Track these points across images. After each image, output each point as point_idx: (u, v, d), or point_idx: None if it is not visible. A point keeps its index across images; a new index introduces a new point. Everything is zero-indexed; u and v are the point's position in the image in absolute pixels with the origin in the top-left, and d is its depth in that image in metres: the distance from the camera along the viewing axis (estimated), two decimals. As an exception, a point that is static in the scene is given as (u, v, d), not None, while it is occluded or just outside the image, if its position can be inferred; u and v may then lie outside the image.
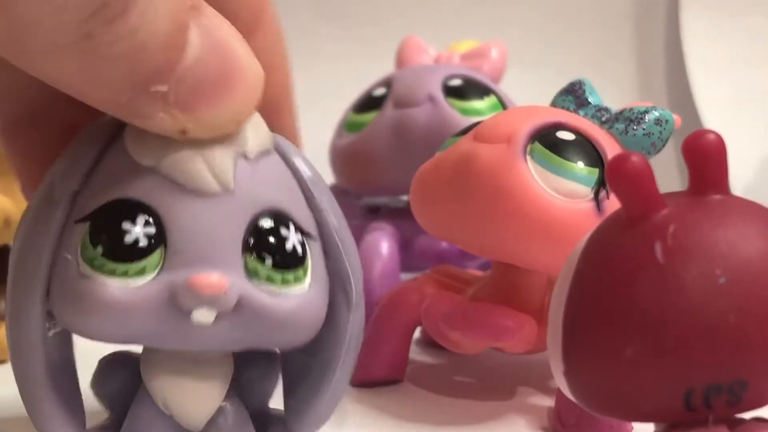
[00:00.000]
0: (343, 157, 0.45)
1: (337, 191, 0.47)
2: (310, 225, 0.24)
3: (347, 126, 0.45)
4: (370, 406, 0.32)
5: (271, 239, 0.23)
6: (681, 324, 0.17)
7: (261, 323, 0.22)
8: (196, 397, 0.24)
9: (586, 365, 0.19)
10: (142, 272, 0.22)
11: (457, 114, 0.41)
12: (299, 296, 0.23)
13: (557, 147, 0.29)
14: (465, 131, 0.31)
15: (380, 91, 0.44)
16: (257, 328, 0.22)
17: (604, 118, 0.31)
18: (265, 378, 0.26)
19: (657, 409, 0.18)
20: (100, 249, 0.22)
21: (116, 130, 0.23)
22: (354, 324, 0.25)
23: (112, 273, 0.21)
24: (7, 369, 0.23)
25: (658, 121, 0.30)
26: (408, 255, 0.43)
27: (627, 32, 0.79)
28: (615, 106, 0.32)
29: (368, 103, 0.44)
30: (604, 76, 0.62)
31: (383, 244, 0.42)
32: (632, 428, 0.29)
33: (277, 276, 0.23)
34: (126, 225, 0.22)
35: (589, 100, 0.32)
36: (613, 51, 0.78)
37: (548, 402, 0.32)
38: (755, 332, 0.18)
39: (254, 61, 0.22)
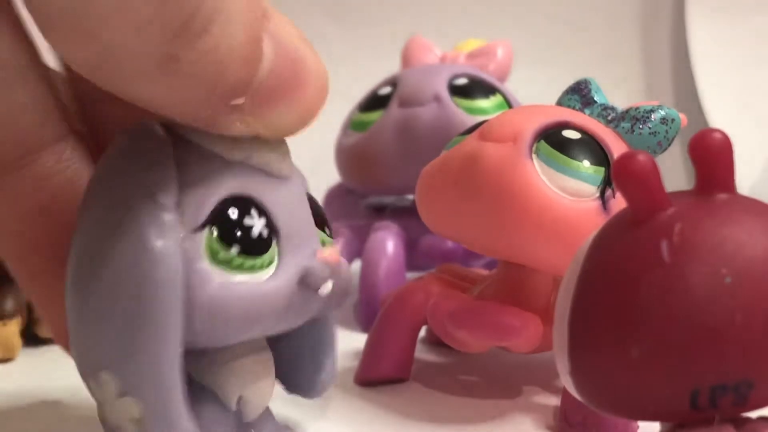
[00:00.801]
0: (348, 157, 0.45)
1: (343, 190, 0.47)
2: None
3: (353, 125, 0.45)
4: (375, 405, 0.32)
5: (319, 211, 0.24)
6: (687, 323, 0.17)
7: (342, 290, 0.24)
8: (265, 383, 0.24)
9: (592, 364, 0.19)
10: (270, 263, 0.22)
11: (463, 113, 0.41)
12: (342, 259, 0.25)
13: (563, 146, 0.29)
14: (471, 130, 0.31)
15: (386, 91, 0.44)
16: (338, 296, 0.24)
17: (609, 117, 0.31)
18: (305, 347, 0.27)
19: (663, 409, 0.18)
20: (236, 249, 0.22)
21: (168, 130, 0.23)
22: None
23: (250, 269, 0.22)
24: (10, 367, 0.23)
25: (664, 120, 0.30)
26: (413, 254, 0.43)
27: (633, 31, 0.79)
28: (621, 105, 0.32)
29: (374, 102, 0.44)
30: (609, 75, 0.62)
31: (389, 243, 0.42)
32: (638, 427, 0.29)
33: (331, 243, 0.25)
34: (248, 220, 0.22)
35: (595, 98, 0.32)
36: (619, 50, 0.78)
37: (554, 401, 0.32)
38: (761, 332, 0.18)
39: (319, 61, 0.22)
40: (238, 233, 0.22)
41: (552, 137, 0.29)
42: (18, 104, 0.23)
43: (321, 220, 0.24)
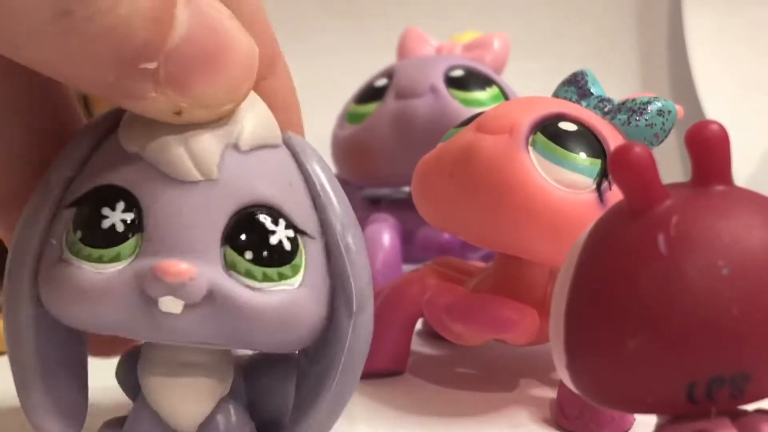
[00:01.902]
0: (344, 148, 0.45)
1: (339, 182, 0.47)
2: (310, 224, 0.23)
3: (349, 117, 0.45)
4: (371, 398, 0.32)
5: (254, 233, 0.22)
6: (684, 316, 0.17)
7: (235, 317, 0.22)
8: (185, 400, 0.23)
9: (589, 357, 0.18)
10: (116, 258, 0.22)
11: (459, 105, 0.41)
12: (285, 293, 0.22)
13: (559, 138, 0.29)
14: (467, 122, 0.31)
15: (382, 82, 0.44)
16: (232, 323, 0.22)
17: (606, 109, 0.31)
18: (282, 387, 0.25)
19: (659, 402, 0.18)
20: (79, 234, 0.22)
21: (115, 121, 0.23)
22: (356, 330, 0.23)
23: (87, 258, 0.22)
24: (3, 360, 0.23)
25: (660, 112, 0.30)
26: (410, 246, 0.43)
27: (629, 23, 0.79)
28: (617, 96, 0.32)
29: (370, 94, 0.44)
30: (606, 67, 0.61)
31: (385, 235, 0.42)
32: (634, 420, 0.29)
33: (258, 271, 0.22)
34: (105, 210, 0.22)
35: (592, 90, 0.32)
36: (616, 42, 0.78)
37: (551, 394, 0.32)
38: (758, 324, 0.17)
39: (246, 37, 0.22)
40: (87, 220, 0.22)
41: (548, 129, 0.29)
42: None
43: (248, 243, 0.22)
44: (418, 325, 0.36)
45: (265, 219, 0.22)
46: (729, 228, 0.18)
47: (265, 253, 0.22)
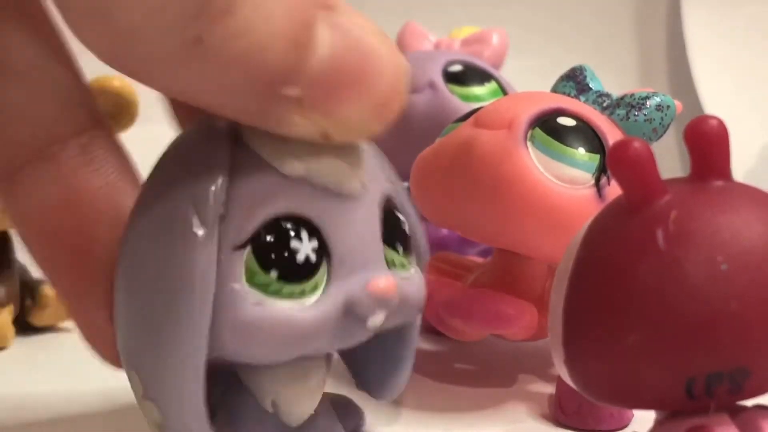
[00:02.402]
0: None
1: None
2: (401, 205, 0.24)
3: (347, 112, 0.45)
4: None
5: (394, 227, 0.23)
6: (682, 311, 0.17)
7: (404, 311, 0.22)
8: (305, 393, 0.23)
9: (587, 353, 0.18)
10: (315, 289, 0.21)
11: (458, 100, 0.41)
12: (415, 277, 0.23)
13: (558, 133, 0.29)
14: (465, 117, 0.31)
15: (380, 77, 0.44)
16: (401, 315, 0.23)
17: (605, 104, 0.31)
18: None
19: (658, 397, 0.18)
20: (274, 273, 0.21)
21: (231, 136, 0.22)
22: (423, 287, 0.24)
23: (290, 295, 0.21)
24: (3, 355, 0.23)
25: (659, 107, 0.30)
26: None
27: (628, 18, 0.79)
28: (616, 92, 0.31)
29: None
30: (605, 62, 0.61)
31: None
32: (633, 416, 0.29)
33: (405, 261, 0.23)
34: (294, 243, 0.21)
35: (590, 85, 0.32)
36: (615, 37, 0.78)
37: (549, 389, 0.32)
38: (757, 320, 0.17)
39: (393, 52, 0.21)
40: (280, 257, 0.21)
41: (547, 124, 0.29)
42: (36, 94, 0.23)
43: (395, 236, 0.23)
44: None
45: (396, 211, 0.23)
46: (728, 223, 0.18)
47: (405, 243, 0.23)
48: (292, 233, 0.21)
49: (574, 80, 0.32)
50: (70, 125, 0.23)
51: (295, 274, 0.21)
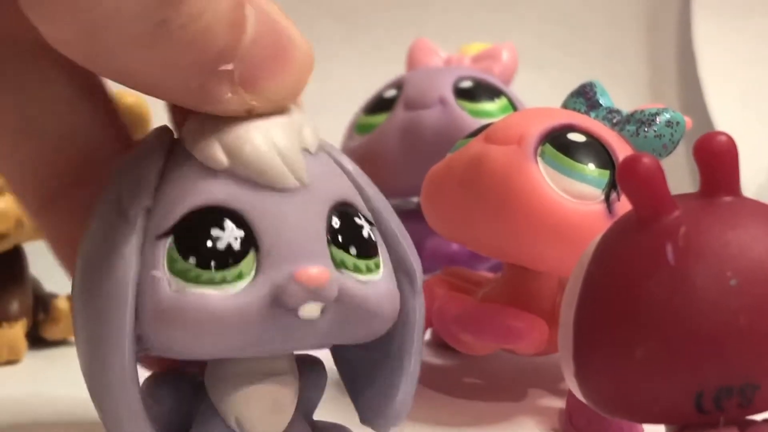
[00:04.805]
0: (353, 159, 0.44)
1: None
2: (368, 215, 0.24)
3: (358, 128, 0.45)
4: (380, 408, 0.32)
5: (350, 229, 0.23)
6: (692, 326, 0.17)
7: (358, 314, 0.22)
8: (271, 411, 0.23)
9: (597, 367, 0.19)
10: (239, 277, 0.21)
11: (468, 116, 0.42)
12: (381, 283, 0.23)
13: (568, 149, 0.29)
14: (476, 133, 0.31)
15: (391, 93, 0.44)
16: (354, 320, 0.22)
17: (615, 120, 0.31)
18: (314, 388, 0.25)
19: (668, 411, 0.18)
20: (192, 260, 0.21)
21: (171, 138, 0.23)
22: (420, 309, 0.24)
23: (209, 282, 0.21)
24: (15, 368, 0.23)
25: (669, 123, 0.30)
26: (418, 257, 0.43)
27: (638, 34, 0.79)
28: (626, 108, 0.32)
29: (379, 104, 0.45)
30: (615, 78, 0.61)
31: (394, 245, 0.42)
32: (643, 430, 0.29)
33: (362, 264, 0.22)
34: (215, 231, 0.21)
35: (600, 101, 0.32)
36: (625, 53, 0.78)
37: (559, 404, 0.32)
38: (766, 334, 0.18)
39: (300, 34, 0.22)
40: (198, 244, 0.21)
41: (557, 140, 0.29)
42: (78, 119, 0.24)
43: (349, 239, 0.22)
44: (427, 335, 0.36)
45: (353, 215, 0.23)
46: (737, 239, 0.18)
47: (363, 247, 0.23)
48: (213, 222, 0.21)
49: (584, 96, 0.32)
50: (106, 148, 0.24)
51: (215, 260, 0.21)
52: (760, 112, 0.72)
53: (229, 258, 0.21)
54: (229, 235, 0.21)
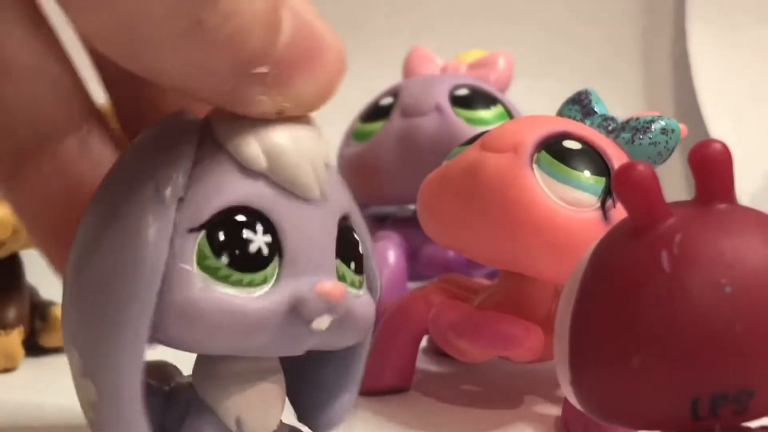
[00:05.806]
0: (350, 167, 0.45)
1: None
2: (358, 229, 0.24)
3: (354, 135, 0.45)
4: (377, 414, 0.32)
5: (350, 243, 0.23)
6: (687, 333, 0.17)
7: (351, 327, 0.23)
8: (269, 408, 0.23)
9: (593, 374, 0.19)
10: (263, 282, 0.21)
11: (464, 123, 0.42)
12: (365, 297, 0.23)
13: (564, 156, 0.29)
14: (472, 140, 0.31)
15: (387, 101, 0.44)
16: (345, 332, 0.23)
17: (610, 128, 0.31)
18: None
19: (663, 418, 0.18)
20: (225, 259, 0.21)
21: (200, 125, 0.22)
22: (374, 316, 0.24)
23: (237, 283, 0.21)
24: (12, 376, 0.23)
25: (664, 131, 0.30)
26: (415, 264, 0.43)
27: (633, 42, 0.79)
28: (621, 115, 0.32)
29: (375, 112, 0.45)
30: (610, 86, 0.62)
31: (390, 253, 0.42)
32: (639, 437, 0.29)
33: (357, 279, 0.23)
34: (248, 233, 0.21)
35: (596, 109, 0.32)
36: (620, 61, 0.78)
37: (555, 411, 0.32)
38: (762, 341, 0.18)
39: (335, 35, 0.22)
40: (232, 244, 0.21)
41: (553, 147, 0.29)
42: (37, 88, 0.23)
43: (350, 254, 0.23)
44: (424, 342, 0.36)
45: (352, 229, 0.23)
46: (732, 246, 0.18)
47: (358, 263, 0.23)
48: (247, 224, 0.21)
49: (580, 104, 0.32)
50: (69, 119, 0.24)
51: (246, 263, 0.21)
52: (754, 120, 0.72)
53: (258, 262, 0.21)
54: (260, 239, 0.21)
